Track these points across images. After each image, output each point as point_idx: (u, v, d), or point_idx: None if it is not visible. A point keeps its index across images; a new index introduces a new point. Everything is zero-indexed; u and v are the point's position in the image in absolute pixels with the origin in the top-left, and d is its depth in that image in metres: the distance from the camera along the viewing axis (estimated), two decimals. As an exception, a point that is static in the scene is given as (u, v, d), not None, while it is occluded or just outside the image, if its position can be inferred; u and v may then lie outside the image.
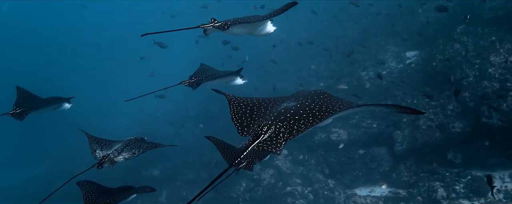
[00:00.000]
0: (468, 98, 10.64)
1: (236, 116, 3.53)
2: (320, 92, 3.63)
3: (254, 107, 3.62)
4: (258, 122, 3.36)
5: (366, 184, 11.79)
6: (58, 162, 21.82)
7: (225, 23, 4.76)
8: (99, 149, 5.17)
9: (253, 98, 3.79)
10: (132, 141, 5.34)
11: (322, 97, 3.50)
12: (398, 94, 12.79)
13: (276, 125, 3.15)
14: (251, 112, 3.55)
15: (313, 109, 3.28)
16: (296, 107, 3.34)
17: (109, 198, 5.16)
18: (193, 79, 6.21)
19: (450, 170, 10.48)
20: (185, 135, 18.50)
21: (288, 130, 3.10)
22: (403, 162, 11.30)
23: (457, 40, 12.24)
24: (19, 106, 6.06)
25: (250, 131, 3.34)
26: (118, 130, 24.68)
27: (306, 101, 3.43)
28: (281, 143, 3.04)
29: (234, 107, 3.62)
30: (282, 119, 3.19)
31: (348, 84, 14.70)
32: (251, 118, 3.48)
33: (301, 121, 3.15)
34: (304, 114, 3.23)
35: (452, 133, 10.54)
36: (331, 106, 3.30)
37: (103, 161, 4.86)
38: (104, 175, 11.00)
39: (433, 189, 10.07)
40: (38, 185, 19.14)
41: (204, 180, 14.66)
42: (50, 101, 6.58)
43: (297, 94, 3.78)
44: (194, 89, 6.17)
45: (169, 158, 16.49)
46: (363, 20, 19.16)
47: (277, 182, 12.93)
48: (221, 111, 18.77)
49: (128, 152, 5.07)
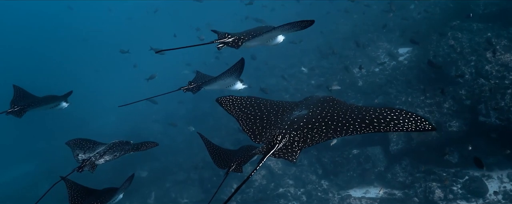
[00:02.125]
0: (464, 96, 10.39)
1: (247, 127, 3.53)
2: (329, 99, 3.62)
3: (264, 115, 3.62)
4: (271, 131, 3.37)
5: (360, 185, 11.48)
6: (45, 161, 21.29)
7: (238, 38, 4.75)
8: (81, 152, 5.13)
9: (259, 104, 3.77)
10: (117, 144, 5.30)
11: (332, 104, 3.51)
12: (391, 92, 12.50)
13: (290, 134, 3.16)
14: (261, 121, 3.56)
15: (325, 118, 3.27)
16: (308, 115, 3.35)
17: (95, 199, 5.03)
18: (192, 85, 6.11)
19: (446, 170, 10.24)
20: (174, 135, 18.07)
21: (302, 139, 3.12)
22: (398, 162, 11.02)
23: (451, 36, 11.99)
24: (17, 104, 6.04)
25: (263, 139, 3.35)
26: (105, 128, 24.16)
27: (317, 109, 3.44)
28: (296, 152, 3.07)
29: (243, 120, 3.61)
30: (296, 128, 3.21)
31: (340, 82, 14.40)
32: (262, 126, 3.50)
33: (315, 130, 3.16)
34: (316, 123, 3.23)
35: (449, 132, 10.29)
36: (343, 115, 3.26)
37: (84, 165, 4.85)
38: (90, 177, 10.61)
39: (430, 190, 9.82)
40: (24, 186, 18.78)
41: (194, 181, 14.28)
42: (49, 99, 6.50)
43: (307, 101, 3.74)
44: (194, 93, 6.12)
45: (158, 159, 16.03)
46: (354, 16, 18.87)
47: (269, 183, 12.59)
48: (211, 109, 18.38)
49: (110, 155, 5.06)
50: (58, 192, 6.40)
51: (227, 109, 3.78)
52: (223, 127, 16.14)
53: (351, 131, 3.07)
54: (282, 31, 4.60)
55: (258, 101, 3.84)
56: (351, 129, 3.08)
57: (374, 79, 13.82)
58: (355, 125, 3.10)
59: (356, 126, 3.09)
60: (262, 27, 5.03)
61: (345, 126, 3.11)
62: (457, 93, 10.57)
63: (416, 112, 10.96)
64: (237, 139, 14.25)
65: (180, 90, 6.12)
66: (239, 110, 3.73)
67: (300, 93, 15.45)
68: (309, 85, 15.84)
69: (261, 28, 4.97)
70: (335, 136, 3.08)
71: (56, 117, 21.98)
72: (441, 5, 14.94)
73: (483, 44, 10.87)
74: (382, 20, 16.78)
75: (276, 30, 4.50)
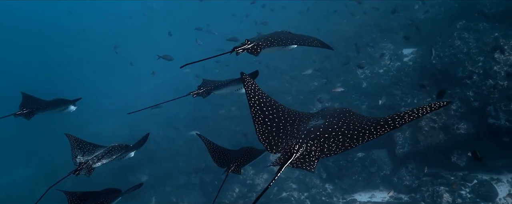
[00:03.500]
0: (472, 97, 10.14)
1: (263, 136, 3.50)
2: (345, 110, 3.64)
3: (280, 123, 3.58)
4: (287, 140, 3.35)
5: (366, 189, 11.21)
6: (43, 164, 21.07)
7: (257, 45, 4.65)
8: (80, 154, 5.12)
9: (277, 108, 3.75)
10: (116, 147, 5.31)
11: (348, 115, 3.51)
12: (397, 94, 12.25)
13: (307, 143, 3.16)
14: (277, 130, 3.52)
15: (342, 127, 3.26)
16: (324, 125, 3.34)
17: (95, 201, 5.02)
18: (202, 89, 6.03)
19: (454, 174, 9.97)
20: (174, 138, 17.79)
21: (319, 148, 3.12)
22: (404, 165, 10.75)
23: (457, 36, 11.72)
24: (26, 107, 6.13)
25: (279, 149, 3.33)
26: (104, 131, 23.88)
27: (334, 119, 3.44)
28: (314, 161, 3.06)
29: (259, 125, 3.58)
30: (313, 137, 3.20)
31: (343, 83, 14.16)
32: (278, 136, 3.46)
33: (331, 140, 3.15)
34: (333, 132, 3.22)
35: (456, 135, 10.02)
36: (359, 124, 3.25)
37: (81, 168, 4.81)
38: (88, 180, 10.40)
39: (438, 194, 9.55)
40: (22, 189, 18.62)
41: (194, 185, 14.00)
42: (57, 102, 6.58)
43: (323, 112, 3.75)
44: (205, 97, 6.07)
45: (158, 162, 15.75)
46: (356, 16, 18.63)
47: (272, 187, 12.31)
48: (211, 112, 18.14)
49: (108, 158, 5.04)
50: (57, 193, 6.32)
51: (248, 92, 3.73)
52: (223, 130, 15.88)
53: (368, 136, 3.06)
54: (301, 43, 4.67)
55: (276, 104, 3.81)
56: (367, 135, 3.06)
57: (378, 81, 13.56)
58: (371, 129, 3.09)
59: (371, 130, 3.08)
60: (279, 33, 5.01)
61: (361, 133, 3.10)
62: (465, 94, 10.32)
63: (423, 114, 10.69)
64: (238, 141, 13.96)
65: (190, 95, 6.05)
66: (257, 101, 3.69)
67: (303, 95, 15.21)
68: (312, 87, 15.59)
69: (278, 34, 4.94)
70: (352, 145, 3.06)
71: (55, 120, 21.75)
72: (445, 5, 14.70)
73: (491, 44, 10.60)
74: (386, 21, 16.55)
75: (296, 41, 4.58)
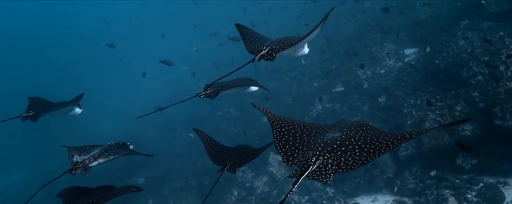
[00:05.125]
0: (477, 98, 9.88)
1: (280, 144, 3.47)
2: (362, 123, 3.61)
3: (297, 134, 3.56)
4: (303, 152, 3.32)
5: (368, 192, 10.93)
6: (40, 167, 20.82)
7: (271, 49, 4.59)
8: (77, 154, 5.05)
9: (292, 121, 3.76)
10: (113, 146, 5.24)
11: (365, 129, 3.48)
12: (399, 95, 11.99)
13: (324, 156, 3.13)
14: (294, 140, 3.49)
15: (359, 141, 3.23)
16: (341, 138, 3.31)
17: (90, 198, 4.88)
18: (209, 90, 5.82)
19: (460, 177, 9.69)
20: (172, 140, 17.51)
21: (336, 162, 3.08)
22: (408, 168, 10.47)
23: (461, 36, 11.48)
24: (32, 109, 6.11)
25: (295, 161, 3.28)
26: (102, 133, 23.62)
27: (350, 132, 3.40)
28: (330, 174, 3.02)
29: (277, 132, 3.58)
30: (330, 150, 3.17)
31: (344, 84, 13.88)
32: (294, 147, 3.42)
33: (348, 153, 3.11)
34: (350, 145, 3.18)
35: (462, 137, 9.73)
36: (376, 138, 3.23)
37: (77, 167, 4.77)
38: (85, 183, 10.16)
39: (443, 197, 9.27)
40: (18, 192, 18.31)
41: (193, 188, 13.73)
42: (63, 104, 6.56)
43: (340, 125, 3.72)
44: (213, 99, 5.87)
45: (156, 165, 15.45)
46: (356, 16, 18.37)
47: (272, 190, 12.04)
48: (210, 114, 17.90)
49: (105, 157, 4.98)
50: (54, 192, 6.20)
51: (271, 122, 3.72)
52: (222, 132, 15.63)
53: (384, 149, 3.05)
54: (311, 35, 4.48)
55: (291, 120, 3.81)
56: (384, 148, 3.05)
57: (380, 81, 13.31)
58: (388, 143, 3.09)
59: (388, 143, 3.08)
60: (290, 37, 4.89)
61: (378, 147, 3.08)
62: (470, 95, 10.06)
63: (427, 115, 10.49)
64: (237, 143, 13.65)
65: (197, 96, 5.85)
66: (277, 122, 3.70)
67: (303, 96, 14.94)
68: (312, 88, 15.33)
69: (289, 38, 4.83)
70: (369, 159, 3.03)
71: (53, 122, 21.50)
72: (447, 4, 14.47)
73: (496, 43, 10.34)
74: (386, 20, 16.30)
75: (306, 38, 4.46)
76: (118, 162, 10.89)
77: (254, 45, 4.90)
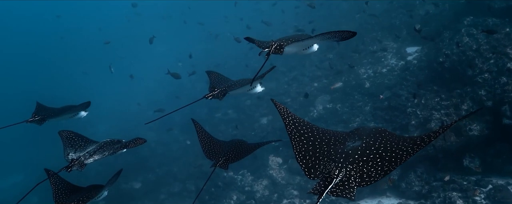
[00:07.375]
0: (485, 96, 9.49)
1: (300, 155, 3.33)
2: (381, 130, 3.50)
3: (316, 142, 3.44)
4: (325, 163, 3.21)
5: (371, 195, 10.54)
6: (34, 171, 20.38)
7: (280, 45, 4.83)
8: (72, 151, 5.12)
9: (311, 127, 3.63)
10: (107, 143, 5.26)
11: (384, 136, 3.38)
12: (402, 94, 11.64)
13: (346, 167, 3.04)
14: (313, 150, 3.37)
15: (379, 149, 3.15)
16: (362, 147, 3.22)
17: (79, 196, 4.95)
18: (216, 91, 5.73)
19: (467, 178, 9.31)
20: (169, 143, 17.12)
21: (359, 173, 2.99)
22: (413, 169, 10.07)
23: (465, 33, 11.14)
24: (38, 114, 6.27)
25: (317, 173, 3.16)
26: (97, 137, 23.09)
27: (370, 140, 3.31)
28: (354, 188, 2.92)
29: (296, 142, 3.44)
30: (351, 161, 3.07)
31: (345, 83, 13.54)
32: (315, 157, 3.30)
33: (370, 164, 3.02)
34: (371, 155, 3.11)
35: (469, 137, 9.36)
36: (396, 144, 3.14)
37: (72, 164, 4.80)
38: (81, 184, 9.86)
39: (450, 200, 8.89)
40: (12, 196, 17.90)
41: (190, 192, 13.33)
42: (68, 109, 6.66)
43: (359, 132, 3.58)
44: (221, 99, 5.78)
45: (152, 169, 15.05)
46: (356, 15, 18.06)
47: (272, 194, 11.65)
48: (207, 116, 17.53)
49: (100, 154, 5.00)
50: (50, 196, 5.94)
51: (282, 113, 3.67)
52: (220, 134, 15.24)
53: (405, 156, 2.96)
54: (322, 39, 4.51)
55: (310, 124, 3.70)
56: (405, 155, 2.97)
57: (382, 80, 12.97)
58: (408, 150, 3.00)
59: (409, 150, 3.00)
60: (300, 35, 5.02)
61: (399, 155, 3.00)
62: (476, 93, 9.68)
63: (432, 114, 10.12)
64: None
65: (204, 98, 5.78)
66: (291, 121, 3.60)
67: (302, 97, 14.58)
68: (312, 88, 14.97)
69: (298, 36, 4.96)
70: (391, 168, 2.95)
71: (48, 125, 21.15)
72: (450, 1, 14.14)
73: (503, 40, 9.99)
74: (387, 18, 15.98)
75: (316, 38, 4.44)
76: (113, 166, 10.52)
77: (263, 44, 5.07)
